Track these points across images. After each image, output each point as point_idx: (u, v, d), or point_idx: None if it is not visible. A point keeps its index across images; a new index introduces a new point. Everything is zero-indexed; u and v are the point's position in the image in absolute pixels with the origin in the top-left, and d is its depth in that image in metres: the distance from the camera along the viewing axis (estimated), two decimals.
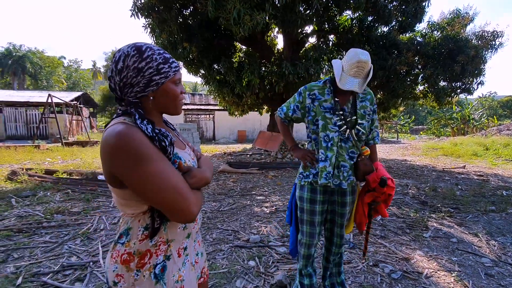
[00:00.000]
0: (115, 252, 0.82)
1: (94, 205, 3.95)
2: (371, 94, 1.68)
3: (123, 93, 0.81)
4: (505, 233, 3.18)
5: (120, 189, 0.78)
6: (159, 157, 0.75)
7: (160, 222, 0.81)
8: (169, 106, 0.86)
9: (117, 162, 0.72)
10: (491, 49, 8.16)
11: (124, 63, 0.78)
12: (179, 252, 0.88)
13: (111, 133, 0.73)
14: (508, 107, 45.60)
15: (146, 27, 7.93)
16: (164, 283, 0.82)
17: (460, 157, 10.54)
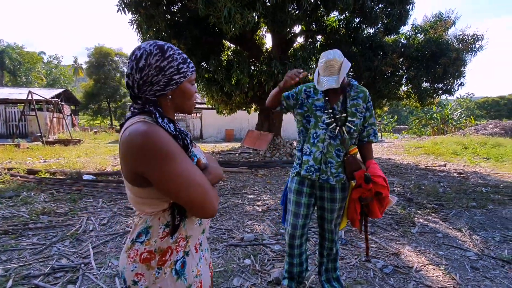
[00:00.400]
0: (133, 252, 0.82)
1: (81, 206, 3.83)
2: (364, 92, 1.73)
3: (141, 91, 0.81)
4: (487, 228, 3.35)
5: (142, 188, 0.78)
6: (183, 155, 0.77)
7: (180, 219, 0.82)
8: (184, 105, 0.88)
9: (145, 160, 0.72)
10: (471, 52, 8.54)
11: (147, 61, 0.77)
12: (196, 248, 0.89)
13: (135, 132, 0.73)
14: (484, 108, 47.82)
15: (133, 23, 7.75)
16: (185, 278, 0.83)
17: (441, 156, 10.97)
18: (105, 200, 4.12)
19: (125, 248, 0.85)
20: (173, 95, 0.84)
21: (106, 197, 4.27)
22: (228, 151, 10.69)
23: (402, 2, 7.88)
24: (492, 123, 22.07)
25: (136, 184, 0.78)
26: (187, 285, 0.84)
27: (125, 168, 0.78)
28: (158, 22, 7.18)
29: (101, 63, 33.06)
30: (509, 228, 3.34)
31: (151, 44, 0.79)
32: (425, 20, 9.04)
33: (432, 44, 7.99)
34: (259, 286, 2.03)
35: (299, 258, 1.85)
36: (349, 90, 1.72)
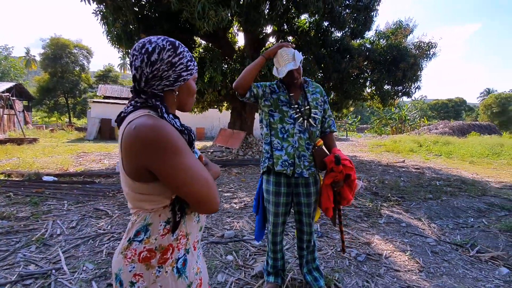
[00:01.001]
0: (130, 252, 0.79)
1: (44, 209, 3.56)
2: (319, 88, 1.88)
3: (149, 85, 0.80)
4: (442, 217, 3.73)
5: (145, 183, 0.76)
6: (189, 150, 0.77)
7: (181, 215, 0.81)
8: (186, 102, 0.89)
9: (153, 154, 0.71)
10: (427, 58, 9.34)
11: (159, 55, 0.77)
12: (195, 245, 0.88)
13: (142, 125, 0.71)
14: (435, 109, 52.43)
15: (97, 14, 7.29)
16: (186, 276, 0.82)
17: (400, 153, 11.87)
18: (71, 202, 3.86)
19: (120, 249, 0.81)
20: (180, 91, 0.85)
21: (72, 199, 4.01)
22: (199, 150, 10.52)
23: (367, 9, 8.38)
24: (442, 123, 24.36)
25: (139, 179, 0.76)
26: (188, 283, 0.83)
27: (129, 162, 0.75)
28: (126, 14, 6.83)
29: (58, 56, 30.47)
30: (460, 217, 3.75)
31: (163, 40, 0.80)
32: (387, 27, 9.69)
33: (393, 49, 8.61)
34: (243, 280, 2.07)
35: (281, 252, 1.94)
36: (306, 86, 1.85)
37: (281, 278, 1.97)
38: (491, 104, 39.42)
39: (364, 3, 8.30)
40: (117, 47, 7.71)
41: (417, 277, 2.19)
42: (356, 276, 2.17)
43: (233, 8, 5.49)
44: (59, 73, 30.75)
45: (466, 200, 4.48)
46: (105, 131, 17.26)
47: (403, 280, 2.14)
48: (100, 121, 17.27)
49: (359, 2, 8.36)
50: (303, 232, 1.92)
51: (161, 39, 0.80)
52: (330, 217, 1.80)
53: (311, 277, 1.92)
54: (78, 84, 32.68)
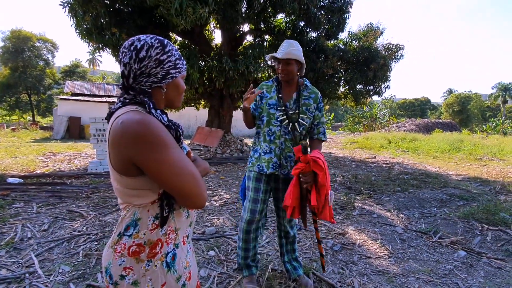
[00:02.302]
0: (119, 246, 0.81)
1: (11, 212, 3.36)
2: (315, 94, 1.84)
3: (137, 82, 0.82)
4: (409, 207, 4.02)
5: (133, 177, 0.78)
6: (176, 145, 0.79)
7: (169, 210, 0.83)
8: (175, 99, 0.91)
9: (139, 148, 0.73)
10: (395, 59, 9.88)
11: (148, 53, 0.79)
12: (184, 240, 0.91)
13: (130, 120, 0.74)
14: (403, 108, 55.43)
15: (65, 6, 6.90)
16: (175, 270, 0.84)
17: (371, 149, 12.47)
18: (40, 205, 3.67)
19: (110, 243, 0.83)
20: (168, 88, 0.86)
21: (42, 201, 3.81)
22: None
23: (340, 11, 8.69)
24: (409, 121, 25.89)
25: (126, 173, 0.78)
26: (177, 276, 0.85)
27: (116, 157, 0.77)
28: (96, 7, 6.54)
29: (19, 49, 28.23)
30: (425, 207, 4.07)
31: (151, 38, 0.82)
32: (359, 29, 10.11)
33: (365, 50, 9.01)
34: (226, 274, 2.13)
35: (255, 241, 1.93)
36: (302, 90, 1.82)
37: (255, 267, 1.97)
38: (452, 103, 42.49)
39: (337, 5, 8.61)
40: (87, 41, 7.36)
41: (387, 262, 2.38)
42: (332, 264, 2.31)
43: (211, 6, 5.47)
44: (21, 68, 28.52)
45: (430, 192, 4.85)
46: (74, 130, 16.35)
47: (375, 265, 2.31)
48: (68, 119, 16.33)
49: (333, 4, 8.66)
50: (281, 224, 1.98)
51: (150, 37, 0.82)
52: (296, 217, 1.73)
53: (290, 266, 2.01)
54: (42, 79, 30.51)
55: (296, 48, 1.72)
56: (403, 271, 2.24)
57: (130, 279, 0.79)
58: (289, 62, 1.71)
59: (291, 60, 1.71)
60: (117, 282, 0.80)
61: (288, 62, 1.71)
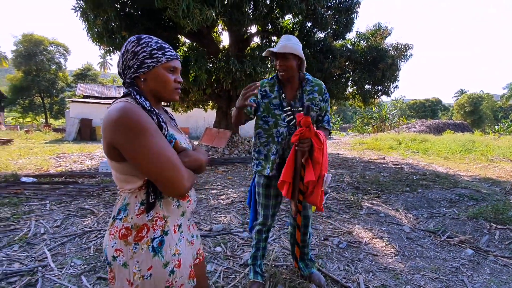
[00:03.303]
0: (113, 229, 0.87)
1: (25, 210, 3.47)
2: (319, 85, 1.76)
3: (125, 75, 0.91)
4: (417, 207, 3.97)
5: (119, 162, 0.84)
6: (156, 132, 0.83)
7: (154, 197, 0.87)
8: (160, 90, 0.93)
9: (118, 134, 0.78)
10: (404, 58, 9.78)
11: (125, 48, 0.89)
12: (175, 229, 0.93)
13: (114, 109, 0.80)
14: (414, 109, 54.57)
15: (77, 10, 7.10)
16: (162, 256, 0.87)
17: (380, 150, 12.32)
18: (53, 203, 3.78)
19: (108, 226, 0.90)
20: (147, 78, 0.91)
21: (54, 199, 3.92)
22: None
23: (348, 11, 8.66)
24: (419, 122, 25.46)
25: (114, 158, 0.84)
26: (164, 262, 0.87)
27: (103, 142, 0.83)
28: (107, 11, 6.71)
29: (32, 53, 29.10)
30: (434, 207, 4.01)
31: (134, 36, 0.91)
32: (367, 29, 10.05)
33: (373, 50, 8.95)
34: (232, 269, 2.15)
35: (265, 242, 1.95)
36: (304, 85, 1.75)
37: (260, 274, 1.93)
38: (464, 104, 41.60)
39: (345, 5, 8.58)
40: (98, 44, 7.54)
41: (393, 260, 2.36)
42: (338, 261, 2.31)
43: (218, 8, 5.54)
44: (34, 71, 29.38)
45: (439, 192, 4.77)
46: (85, 132, 16.71)
47: (381, 263, 2.30)
48: (80, 121, 16.71)
49: (341, 4, 8.63)
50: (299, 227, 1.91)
51: (134, 36, 0.91)
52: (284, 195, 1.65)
53: (303, 264, 2.01)
54: (55, 83, 31.35)
55: (294, 42, 1.64)
56: (409, 268, 2.22)
57: (120, 261, 0.85)
58: (287, 56, 1.63)
59: (289, 55, 1.62)
60: (111, 262, 0.86)
61: (285, 57, 1.63)
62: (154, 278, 0.85)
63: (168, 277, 0.87)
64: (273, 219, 1.91)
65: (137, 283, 0.84)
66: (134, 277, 0.84)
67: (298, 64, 1.68)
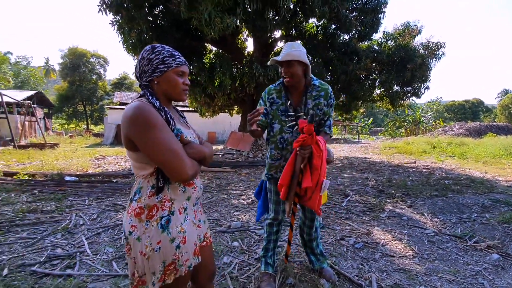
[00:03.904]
0: (130, 208, 1.03)
1: (67, 204, 3.87)
2: (325, 90, 1.78)
3: (141, 79, 1.07)
4: (445, 212, 3.79)
5: (134, 152, 1.01)
6: (164, 127, 0.98)
7: (163, 182, 1.02)
8: (170, 91, 1.09)
9: (132, 128, 0.95)
10: (435, 58, 9.31)
11: (142, 55, 1.06)
12: (180, 211, 1.07)
13: (129, 107, 0.97)
14: (452, 111, 51.08)
15: (114, 24, 7.75)
16: (169, 232, 1.01)
17: (412, 154, 11.74)
18: (91, 199, 4.17)
19: (127, 207, 1.06)
20: (160, 81, 1.07)
21: (92, 196, 4.32)
22: None
23: (374, 11, 8.48)
24: (458, 125, 23.76)
25: (129, 148, 1.01)
26: (171, 237, 1.00)
27: (122, 135, 1.00)
28: (140, 24, 7.26)
29: (76, 65, 31.89)
30: (464, 212, 3.80)
31: (149, 45, 1.07)
32: (395, 28, 9.74)
33: (401, 50, 8.65)
34: (247, 262, 2.26)
35: (276, 235, 2.03)
36: (310, 90, 1.77)
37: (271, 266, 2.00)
38: (508, 105, 38.13)
39: (371, 5, 8.42)
40: (133, 55, 8.15)
41: (410, 261, 2.31)
42: (352, 260, 2.32)
43: (239, 15, 5.76)
44: (77, 82, 32.13)
45: (472, 197, 4.50)
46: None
47: (396, 264, 2.26)
48: (116, 127, 17.94)
49: (366, 5, 8.48)
50: (305, 219, 2.02)
51: (149, 45, 1.07)
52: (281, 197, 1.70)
53: (314, 258, 2.07)
54: (95, 91, 34.00)
55: (297, 49, 1.68)
56: (426, 270, 2.17)
57: (135, 235, 1.00)
58: (291, 63, 1.67)
59: (293, 62, 1.66)
60: (128, 237, 1.02)
61: (289, 64, 1.67)
62: (163, 250, 0.99)
63: (175, 251, 1.01)
64: (283, 214, 1.99)
65: (149, 254, 0.98)
66: (146, 249, 0.98)
67: (303, 69, 1.71)
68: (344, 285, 1.94)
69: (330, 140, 22.47)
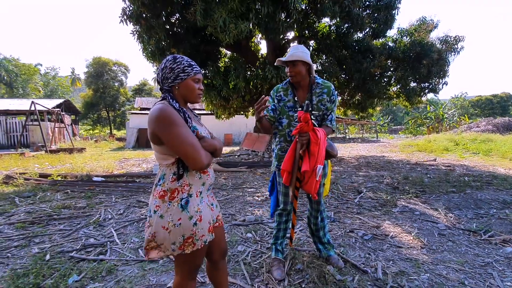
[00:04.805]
0: (155, 192, 1.24)
1: (96, 201, 4.22)
2: (328, 87, 1.95)
3: (163, 84, 1.27)
4: (462, 208, 3.76)
5: (159, 145, 1.21)
6: (183, 124, 1.18)
7: (183, 170, 1.22)
8: (188, 95, 1.29)
9: (157, 125, 1.15)
10: (454, 52, 9.04)
11: (164, 64, 1.26)
12: (197, 194, 1.26)
13: (154, 108, 1.18)
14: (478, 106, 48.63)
15: (134, 34, 8.20)
16: (187, 211, 1.20)
17: (433, 152, 11.41)
18: (117, 197, 4.50)
19: (152, 191, 1.27)
20: (180, 87, 1.27)
21: (118, 194, 4.65)
22: (228, 154, 11.09)
23: (387, 8, 8.40)
24: (484, 121, 22.61)
25: (155, 142, 1.21)
26: (189, 216, 1.20)
27: (149, 131, 1.20)
28: (158, 32, 7.65)
29: (99, 73, 33.56)
30: (481, 208, 3.75)
31: (171, 56, 1.26)
32: (410, 24, 9.56)
33: (416, 46, 8.49)
34: (259, 250, 2.43)
35: (285, 224, 2.19)
36: (314, 88, 1.96)
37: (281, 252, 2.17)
38: None
39: (384, 2, 8.35)
40: (152, 62, 8.58)
41: (417, 252, 2.38)
42: (360, 250, 2.42)
43: (252, 20, 5.96)
44: (101, 89, 33.78)
45: (491, 193, 4.40)
46: (142, 140, 18.66)
47: (403, 254, 2.34)
48: (138, 131, 18.73)
49: (380, 2, 8.42)
50: (312, 208, 2.17)
51: (171, 55, 1.27)
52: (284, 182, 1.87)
53: (322, 246, 2.20)
54: (117, 98, 35.56)
55: (301, 50, 1.88)
56: (433, 260, 2.23)
57: (159, 213, 1.20)
58: (295, 63, 1.87)
59: (297, 62, 1.86)
60: (152, 215, 1.22)
61: (294, 64, 1.87)
62: (182, 226, 1.18)
63: (193, 227, 1.20)
64: (292, 205, 2.14)
65: (170, 229, 1.18)
66: (168, 225, 1.18)
67: (306, 69, 1.90)
68: (350, 271, 2.06)
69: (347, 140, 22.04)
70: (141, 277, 2.06)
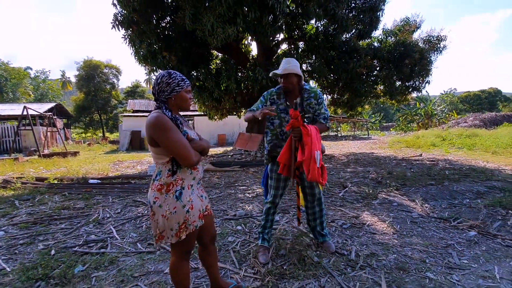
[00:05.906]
0: (153, 186, 1.46)
1: (94, 202, 4.40)
2: (315, 92, 2.24)
3: (159, 96, 1.49)
4: (437, 198, 4.06)
5: (156, 147, 1.44)
6: (176, 130, 1.41)
7: (176, 167, 1.45)
8: (183, 105, 1.53)
9: (154, 131, 1.38)
10: (437, 51, 9.43)
11: (161, 79, 1.47)
12: (188, 187, 1.50)
13: (152, 116, 1.40)
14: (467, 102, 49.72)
15: (126, 38, 8.33)
16: (181, 200, 1.44)
17: (420, 148, 11.81)
18: (114, 197, 4.69)
19: (150, 185, 1.49)
20: (176, 98, 1.50)
21: (115, 195, 4.84)
22: (221, 154, 11.31)
23: (372, 10, 8.73)
24: (472, 116, 23.25)
25: (152, 144, 1.43)
26: (183, 204, 1.42)
27: (147, 136, 1.42)
28: (149, 37, 7.82)
29: (90, 76, 33.32)
30: (456, 198, 4.06)
31: (165, 71, 1.49)
32: (395, 24, 9.92)
33: (400, 46, 8.85)
34: (248, 241, 2.67)
35: (273, 215, 2.42)
36: (303, 93, 2.23)
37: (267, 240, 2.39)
38: None
39: (369, 4, 8.66)
40: (144, 65, 8.74)
41: (389, 237, 2.65)
42: (338, 237, 2.69)
43: (239, 24, 6.18)
44: (93, 92, 33.56)
45: (467, 185, 4.73)
46: (135, 142, 18.73)
47: (377, 239, 2.61)
48: (131, 133, 18.78)
49: (365, 4, 8.73)
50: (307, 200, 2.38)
51: (165, 71, 1.49)
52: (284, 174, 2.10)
53: (318, 233, 2.43)
54: (109, 101, 35.38)
55: (293, 64, 2.17)
56: (402, 243, 2.51)
57: (158, 204, 1.43)
58: (288, 75, 2.16)
59: (290, 74, 2.16)
60: (152, 205, 1.45)
61: (287, 76, 2.16)
62: (177, 213, 1.42)
63: (186, 214, 1.44)
64: (280, 198, 2.40)
65: (168, 216, 1.41)
66: (166, 213, 1.42)
67: (297, 79, 2.20)
68: (328, 255, 2.32)
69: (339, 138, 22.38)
70: (141, 265, 2.28)
